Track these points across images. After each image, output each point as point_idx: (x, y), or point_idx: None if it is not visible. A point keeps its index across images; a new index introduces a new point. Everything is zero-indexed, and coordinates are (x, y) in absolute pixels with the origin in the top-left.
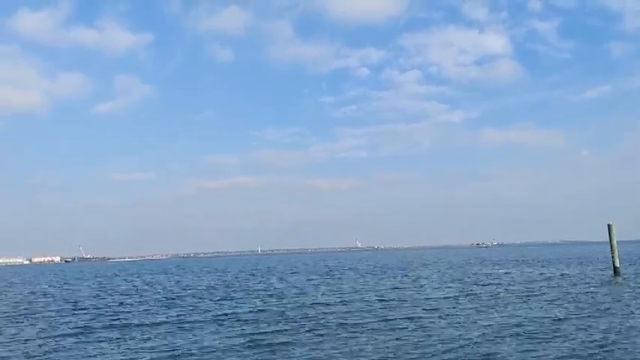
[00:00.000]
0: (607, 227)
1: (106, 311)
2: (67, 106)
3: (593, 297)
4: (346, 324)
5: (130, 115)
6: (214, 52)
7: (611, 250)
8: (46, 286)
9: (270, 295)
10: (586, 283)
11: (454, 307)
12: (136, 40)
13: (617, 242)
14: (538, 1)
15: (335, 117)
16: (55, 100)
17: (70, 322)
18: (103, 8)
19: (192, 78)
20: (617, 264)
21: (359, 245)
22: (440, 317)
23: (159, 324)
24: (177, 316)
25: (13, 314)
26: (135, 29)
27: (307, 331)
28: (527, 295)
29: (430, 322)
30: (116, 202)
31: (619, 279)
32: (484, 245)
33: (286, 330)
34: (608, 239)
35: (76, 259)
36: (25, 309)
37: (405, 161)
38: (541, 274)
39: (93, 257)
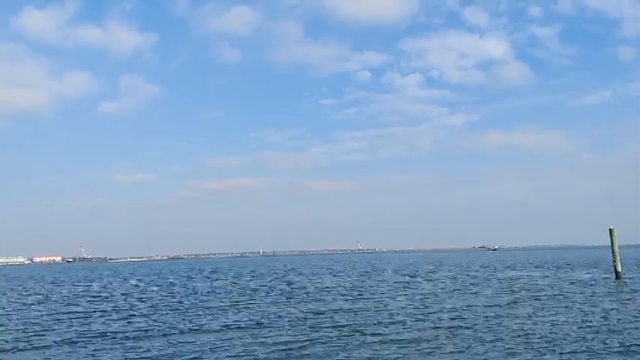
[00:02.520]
0: (609, 231)
1: None
2: (72, 106)
3: (597, 303)
4: None
5: (134, 116)
6: (220, 52)
7: (613, 255)
8: None
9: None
10: (590, 290)
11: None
12: (143, 40)
13: (619, 246)
14: (538, 7)
15: (336, 119)
16: (61, 100)
17: None
18: (110, 7)
19: (195, 79)
20: (619, 268)
21: (360, 247)
22: None
23: None
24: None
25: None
26: (141, 29)
27: None
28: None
29: None
30: (118, 203)
31: (621, 283)
32: (491, 248)
33: None
34: (609, 243)
35: (77, 260)
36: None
37: (406, 164)
38: (545, 277)
39: (94, 258)
